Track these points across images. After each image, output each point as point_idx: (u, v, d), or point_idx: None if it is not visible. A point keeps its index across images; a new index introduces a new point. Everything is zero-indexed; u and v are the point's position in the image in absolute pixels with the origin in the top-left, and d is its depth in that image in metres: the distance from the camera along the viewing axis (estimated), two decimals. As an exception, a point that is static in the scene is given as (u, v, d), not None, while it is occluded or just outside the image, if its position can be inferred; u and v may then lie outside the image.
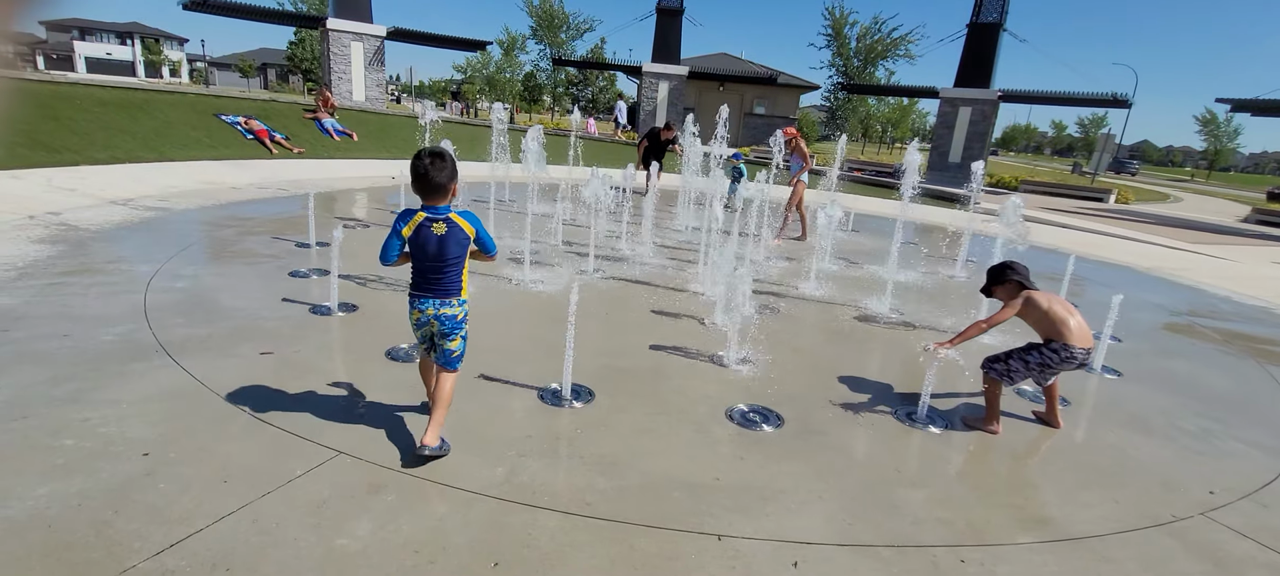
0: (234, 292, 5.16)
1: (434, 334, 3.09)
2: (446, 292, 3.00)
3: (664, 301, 6.01)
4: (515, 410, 3.66)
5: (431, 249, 2.92)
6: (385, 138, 16.50)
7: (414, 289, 3.04)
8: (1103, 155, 27.19)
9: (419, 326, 3.11)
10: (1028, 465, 3.58)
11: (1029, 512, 3.05)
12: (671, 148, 13.06)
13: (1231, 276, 9.74)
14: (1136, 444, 3.87)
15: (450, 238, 2.92)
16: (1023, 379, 3.82)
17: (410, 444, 3.15)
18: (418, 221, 2.91)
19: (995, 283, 3.99)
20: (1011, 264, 3.98)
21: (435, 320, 3.03)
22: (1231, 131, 65.99)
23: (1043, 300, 3.81)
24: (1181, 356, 5.74)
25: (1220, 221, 18.75)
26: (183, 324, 4.40)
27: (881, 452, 3.51)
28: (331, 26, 22.29)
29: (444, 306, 3.01)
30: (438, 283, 2.99)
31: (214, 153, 12.37)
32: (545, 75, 48.40)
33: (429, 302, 3.00)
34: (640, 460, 3.21)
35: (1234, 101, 18.45)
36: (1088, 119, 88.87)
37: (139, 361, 3.78)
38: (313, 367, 3.95)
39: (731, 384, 4.28)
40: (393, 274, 5.97)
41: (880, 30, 38.32)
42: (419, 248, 2.94)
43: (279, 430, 3.17)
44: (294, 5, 41.64)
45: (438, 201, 2.93)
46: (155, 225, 7.20)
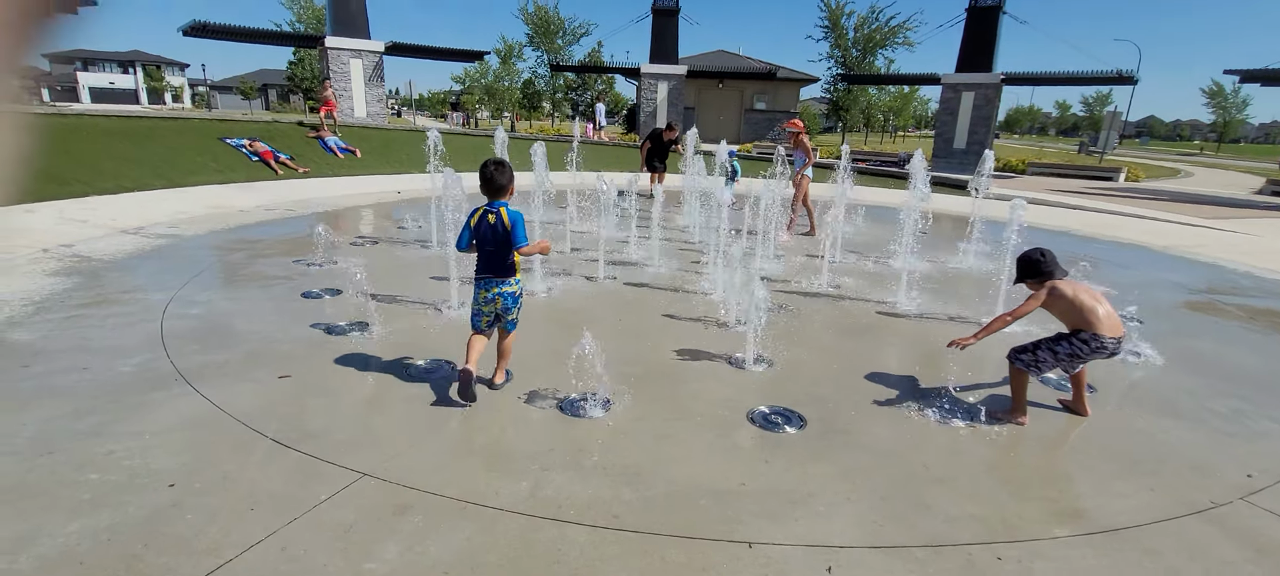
0: (248, 317, 5.16)
1: (497, 310, 3.83)
2: (503, 273, 3.75)
3: (676, 304, 5.98)
4: (535, 421, 3.64)
5: (487, 235, 3.70)
6: (388, 153, 16.55)
7: (478, 272, 3.78)
8: (1110, 133, 26.94)
9: (486, 304, 3.78)
10: (1058, 455, 3.52)
11: (1063, 505, 2.99)
12: (674, 148, 13.03)
13: (1250, 251, 9.60)
14: (1166, 428, 3.80)
15: (500, 225, 3.67)
16: (1050, 369, 3.76)
17: (433, 462, 3.14)
18: (480, 213, 3.71)
19: (1027, 272, 3.91)
20: (1042, 251, 3.90)
21: (498, 297, 3.78)
22: (1240, 103, 65.24)
23: (1068, 289, 3.75)
24: (1205, 336, 5.65)
25: (1234, 195, 18.53)
26: (199, 350, 4.41)
27: (908, 450, 3.46)
28: (330, 44, 22.38)
29: (503, 286, 3.77)
30: (495, 264, 3.74)
31: (220, 176, 12.44)
32: (543, 82, 48.46)
33: (490, 283, 3.75)
34: (664, 468, 3.18)
35: (1244, 72, 18.20)
36: (1092, 97, 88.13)
37: (159, 390, 3.78)
38: (330, 389, 3.94)
39: (750, 385, 4.24)
40: (402, 292, 5.97)
41: (877, 19, 38.13)
42: (480, 235, 3.72)
43: (302, 454, 3.16)
44: (292, 26, 41.91)
45: (495, 198, 3.73)
46: (167, 252, 7.24)
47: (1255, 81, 18.36)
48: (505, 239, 3.67)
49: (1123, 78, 22.22)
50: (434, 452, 3.26)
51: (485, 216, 3.69)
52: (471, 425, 3.56)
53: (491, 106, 52.69)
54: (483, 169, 3.73)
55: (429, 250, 7.79)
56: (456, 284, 5.68)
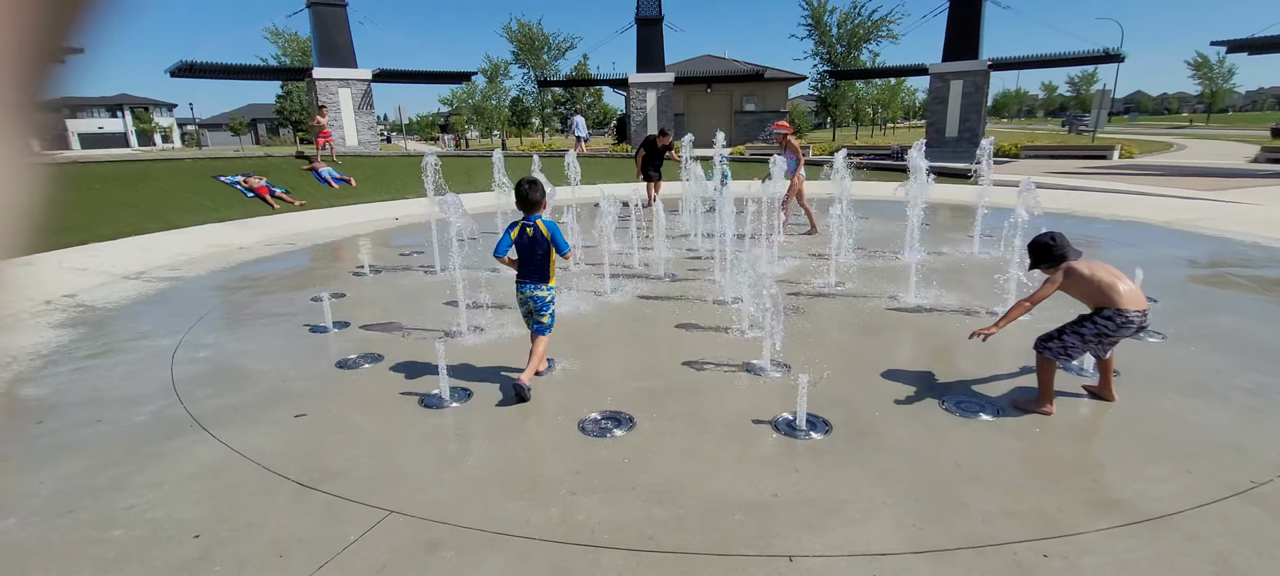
0: (258, 356, 5.12)
1: (530, 311, 4.25)
2: (538, 279, 4.20)
3: (686, 314, 5.94)
4: (557, 444, 3.60)
5: (526, 245, 4.16)
6: (383, 180, 16.55)
7: (518, 277, 4.25)
8: (1100, 111, 27.03)
9: (522, 305, 4.30)
10: (1089, 444, 3.48)
11: (1101, 495, 2.95)
12: (669, 154, 12.94)
13: (1254, 221, 9.59)
14: (1195, 409, 3.76)
15: (537, 237, 4.13)
16: (1080, 354, 3.72)
17: (459, 493, 3.09)
18: (519, 226, 4.17)
19: (1040, 257, 3.87)
20: (1052, 235, 3.87)
21: (531, 299, 4.21)
22: (1226, 72, 65.54)
23: (1084, 268, 3.71)
24: (1221, 311, 5.62)
25: (1230, 165, 18.55)
26: (212, 394, 4.36)
27: (937, 448, 3.42)
28: (317, 76, 22.41)
29: (535, 289, 4.21)
30: (531, 270, 4.19)
31: (217, 214, 12.41)
32: (531, 98, 48.62)
33: (527, 286, 4.21)
34: (694, 485, 3.13)
35: (1230, 43, 18.29)
36: (1078, 77, 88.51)
37: (175, 438, 3.73)
38: (349, 425, 3.89)
39: (770, 392, 4.20)
40: (411, 320, 5.93)
41: (860, 14, 38.35)
42: (520, 245, 4.17)
43: (327, 495, 3.11)
44: (278, 60, 42.05)
45: (532, 212, 4.18)
46: (170, 296, 7.19)
47: (1243, 50, 18.45)
48: (543, 248, 4.16)
49: (1110, 56, 22.32)
50: (459, 483, 3.21)
51: (524, 229, 4.16)
52: (494, 452, 3.52)
53: (481, 126, 52.80)
54: (519, 187, 4.21)
55: (434, 276, 7.76)
56: (465, 310, 5.64)
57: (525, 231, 4.15)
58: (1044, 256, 3.87)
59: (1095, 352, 3.75)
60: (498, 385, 4.40)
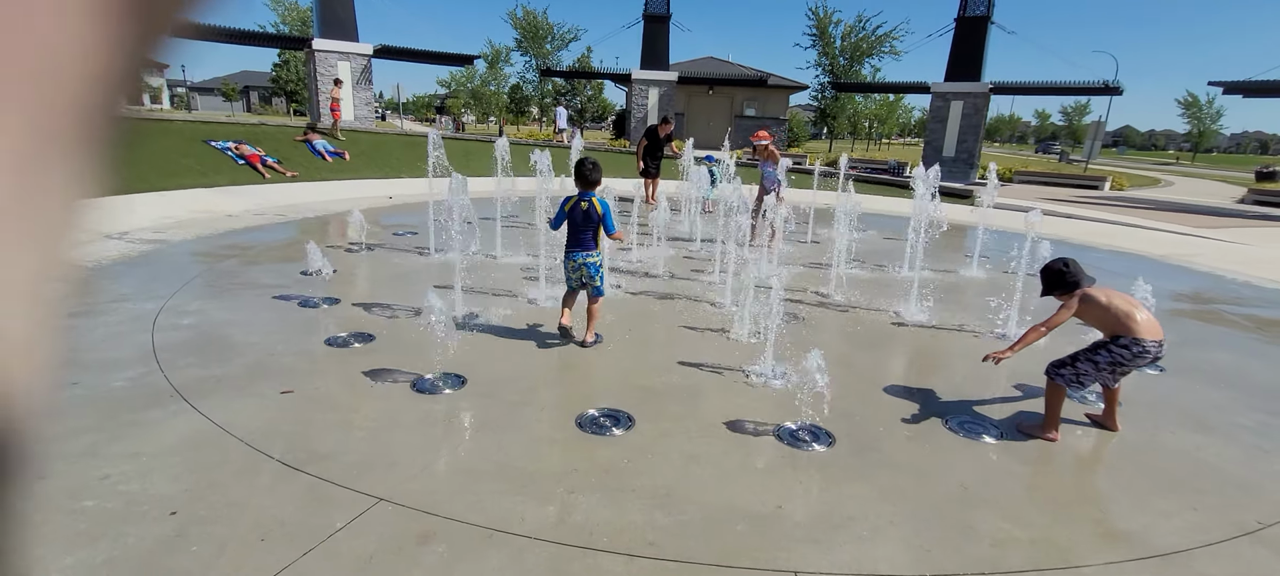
0: (245, 327, 4.95)
1: (583, 276, 4.76)
2: (588, 248, 4.74)
3: (686, 315, 5.85)
4: (554, 440, 3.49)
5: (579, 218, 4.69)
6: (378, 157, 16.29)
7: (568, 247, 4.77)
8: (1094, 143, 27.34)
9: (574, 271, 4.77)
10: (1095, 473, 3.44)
11: (1109, 526, 2.90)
12: (669, 146, 12.64)
13: (1245, 260, 9.69)
14: (1199, 444, 3.74)
15: (591, 211, 4.67)
16: (1092, 382, 3.68)
17: (453, 484, 2.98)
18: (573, 201, 4.68)
19: (1054, 284, 3.83)
20: (1065, 261, 3.84)
21: (584, 266, 4.72)
22: (1214, 113, 66.74)
23: (1102, 296, 3.67)
24: (1219, 347, 5.63)
25: (1219, 204, 18.82)
26: (195, 364, 4.19)
27: (943, 468, 3.36)
28: (317, 47, 22.02)
29: (588, 256, 4.73)
30: (583, 241, 4.72)
31: (206, 180, 12.11)
32: (531, 86, 48.26)
33: (579, 254, 4.72)
34: (696, 490, 3.04)
35: (1227, 84, 18.55)
36: (1071, 107, 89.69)
37: (155, 408, 3.57)
38: (338, 404, 3.76)
39: (772, 400, 4.12)
40: (404, 301, 5.78)
41: (864, 28, 38.49)
42: (573, 218, 4.69)
43: (313, 477, 2.98)
44: (276, 27, 41.36)
45: (589, 190, 4.69)
46: (154, 258, 6.97)
47: (1238, 92, 18.71)
48: (595, 222, 4.69)
49: (1109, 88, 22.54)
50: (453, 474, 3.09)
51: (578, 204, 4.66)
52: (490, 443, 3.40)
53: (478, 111, 52.38)
54: (581, 166, 4.71)
55: (427, 257, 7.60)
56: (460, 294, 5.51)
57: (579, 205, 4.67)
58: (1057, 283, 3.83)
59: (1106, 381, 3.71)
60: (492, 373, 4.28)
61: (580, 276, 4.74)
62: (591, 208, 4.66)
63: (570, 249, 4.74)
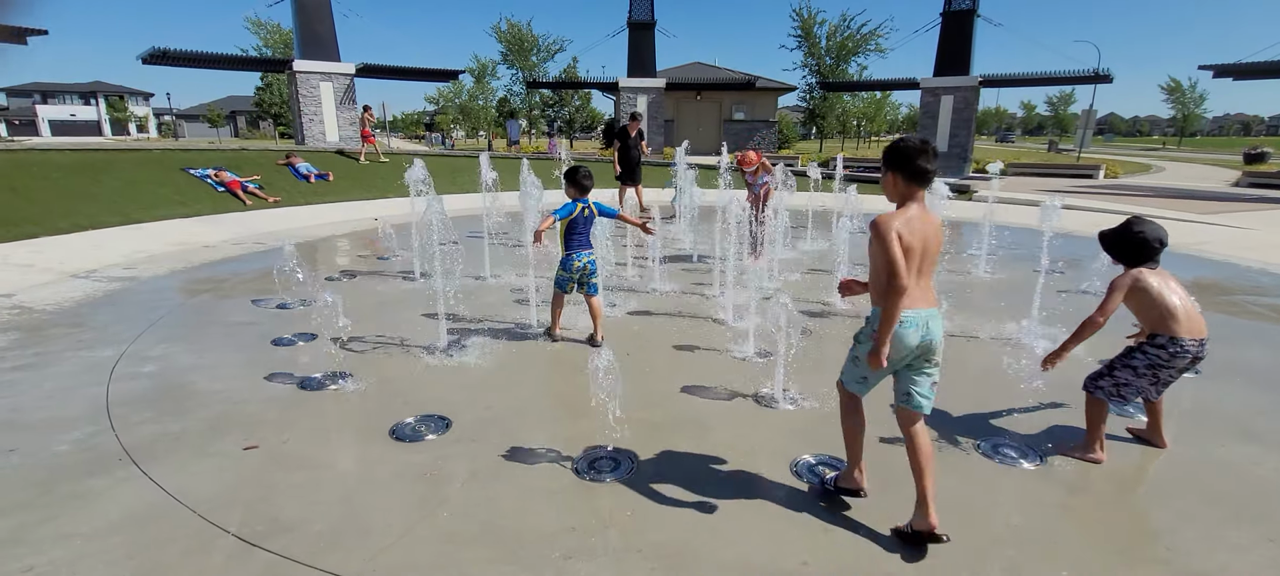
0: (211, 372, 4.57)
1: (586, 275, 5.02)
2: (589, 248, 5.06)
3: (686, 334, 5.50)
4: (547, 490, 3.12)
5: (581, 222, 5.01)
6: (364, 178, 15.91)
7: (568, 249, 5.01)
8: (1086, 132, 27.22)
9: (577, 270, 5.00)
10: (1150, 500, 3.09)
11: (1181, 566, 2.55)
12: (641, 144, 11.78)
13: (1255, 246, 9.42)
14: (1255, 458, 3.41)
15: (591, 214, 5.03)
16: (1136, 394, 3.30)
17: (432, 555, 2.62)
18: (579, 207, 4.96)
19: (1125, 251, 3.29)
20: (1138, 222, 3.27)
21: (588, 265, 5.02)
22: (1197, 98, 67.09)
23: (1156, 281, 3.20)
24: (1250, 343, 5.32)
25: (1215, 188, 18.65)
26: (152, 419, 3.82)
27: (984, 504, 3.01)
28: (298, 68, 21.67)
29: (590, 255, 5.05)
30: (585, 241, 5.04)
31: (184, 209, 11.72)
32: (519, 99, 48.00)
33: (582, 255, 5.00)
34: (709, 547, 2.69)
35: (1216, 67, 18.44)
36: (1056, 97, 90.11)
37: (98, 475, 3.20)
38: (307, 461, 3.38)
39: (785, 428, 3.77)
40: (387, 332, 5.41)
41: (849, 27, 38.44)
42: (574, 221, 4.98)
43: (273, 555, 2.61)
44: (258, 50, 40.98)
45: (584, 195, 5.00)
46: (120, 298, 6.58)
47: (1228, 75, 18.58)
48: (594, 223, 5.11)
49: (1098, 77, 22.44)
50: (432, 541, 2.72)
51: (582, 210, 4.98)
52: (474, 499, 3.03)
53: (467, 126, 52.07)
54: (576, 176, 4.98)
55: (413, 283, 7.23)
56: (445, 323, 5.15)
57: (582, 212, 4.98)
58: (1123, 247, 3.31)
59: (1148, 392, 3.35)
60: (479, 412, 3.91)
61: (583, 275, 5.03)
62: (591, 211, 5.02)
63: (573, 250, 5.01)
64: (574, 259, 5.00)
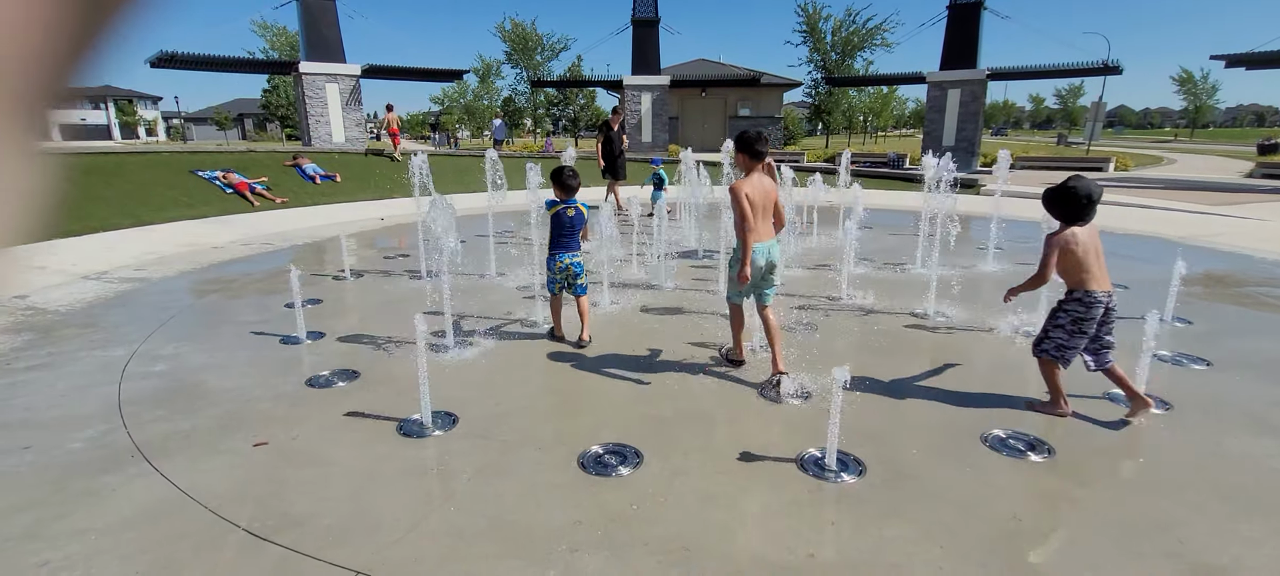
0: (221, 371, 4.61)
1: (569, 275, 5.00)
2: (574, 249, 5.03)
3: (691, 330, 5.50)
4: (554, 485, 3.13)
5: (566, 222, 4.98)
6: (370, 178, 15.98)
7: (553, 249, 5.02)
8: (1096, 124, 26.95)
9: (560, 272, 5.00)
10: (1162, 491, 3.06)
11: (1191, 560, 2.54)
12: (623, 137, 11.80)
13: (1268, 238, 9.32)
14: (1267, 449, 3.38)
15: (577, 216, 5.00)
16: (1071, 349, 3.58)
17: (442, 549, 2.63)
18: (558, 207, 4.96)
19: (1059, 207, 3.60)
20: (1079, 180, 3.57)
21: (572, 266, 4.98)
22: (1210, 88, 66.32)
23: (1084, 239, 3.53)
24: (1262, 334, 5.27)
25: (1227, 179, 18.45)
26: (163, 417, 3.85)
27: (990, 496, 3.00)
28: (304, 70, 21.76)
29: (575, 257, 5.02)
30: (569, 242, 5.00)
31: (192, 211, 11.82)
32: (523, 98, 48.04)
33: (566, 255, 4.98)
34: (716, 540, 2.69)
35: (1229, 57, 18.20)
36: (1065, 90, 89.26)
37: (112, 472, 3.23)
38: (316, 457, 3.41)
39: (791, 423, 3.77)
40: (393, 331, 5.44)
41: (854, 21, 38.23)
42: (559, 221, 4.97)
43: (284, 549, 2.63)
44: (264, 53, 41.23)
45: (571, 196, 4.97)
46: (131, 298, 6.64)
47: (1242, 65, 18.35)
48: (581, 224, 5.04)
49: (1108, 68, 22.18)
50: (441, 534, 2.74)
51: (566, 210, 4.96)
52: (481, 493, 3.05)
53: (472, 126, 52.15)
54: (561, 176, 4.94)
55: (420, 282, 7.27)
56: (452, 321, 5.17)
57: (567, 212, 4.95)
58: (1062, 205, 3.59)
59: (1084, 347, 3.59)
60: (486, 409, 3.93)
61: (567, 276, 5.01)
62: (578, 214, 4.99)
63: (556, 250, 5.02)
64: (558, 259, 5.00)
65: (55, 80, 0.26)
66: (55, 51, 0.25)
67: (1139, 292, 6.43)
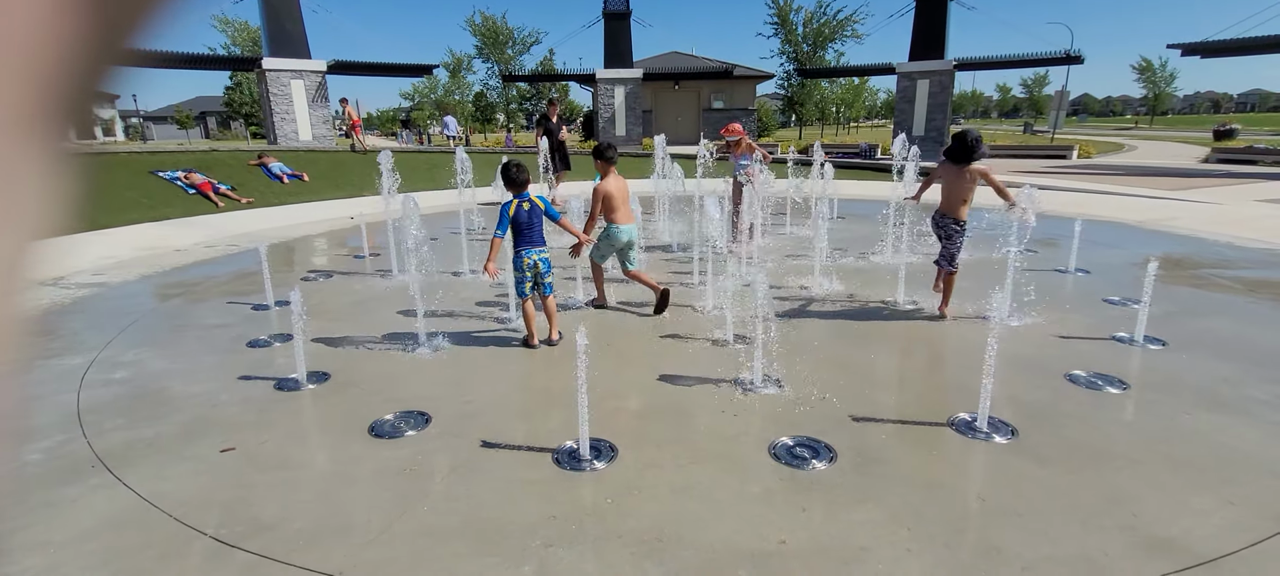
0: (185, 377, 4.51)
1: (537, 273, 4.84)
2: (539, 244, 4.84)
3: (665, 322, 5.52)
4: (529, 481, 3.14)
5: (523, 218, 4.77)
6: (339, 176, 15.70)
7: (518, 247, 4.81)
8: (1059, 112, 27.62)
9: (528, 269, 4.81)
10: (1117, 469, 3.17)
11: (1145, 533, 2.64)
12: (564, 130, 11.59)
13: (1222, 220, 9.67)
14: (1218, 425, 3.52)
15: (533, 209, 4.79)
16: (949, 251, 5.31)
17: (414, 549, 2.61)
18: (514, 204, 4.77)
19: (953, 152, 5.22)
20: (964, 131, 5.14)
21: (539, 263, 4.82)
22: (1168, 77, 68.25)
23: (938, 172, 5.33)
24: (1216, 315, 5.47)
25: (1184, 165, 19.07)
26: (125, 425, 3.76)
27: (955, 477, 3.08)
28: (268, 66, 21.24)
29: (541, 253, 4.84)
30: (534, 238, 4.82)
31: (153, 213, 11.49)
32: (495, 93, 47.55)
33: (531, 252, 4.80)
34: (689, 530, 2.72)
35: (1185, 45, 18.79)
36: (1030, 79, 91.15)
37: (72, 484, 3.15)
38: (285, 461, 3.36)
39: (764, 412, 3.81)
40: (364, 331, 5.37)
41: (825, 13, 38.54)
42: (517, 220, 4.77)
43: (252, 555, 2.59)
44: (226, 49, 40.15)
45: (521, 191, 4.80)
46: (89, 305, 6.45)
47: (1196, 53, 18.96)
48: (540, 218, 4.82)
49: (1070, 58, 22.74)
50: (414, 535, 2.72)
51: (520, 205, 4.76)
52: (455, 492, 3.04)
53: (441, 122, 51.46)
54: (506, 171, 4.82)
55: (390, 280, 7.17)
56: (423, 319, 5.12)
57: (522, 207, 4.76)
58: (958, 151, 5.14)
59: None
60: (459, 407, 3.91)
61: (534, 272, 4.85)
62: (533, 206, 4.81)
63: (521, 247, 4.82)
64: (524, 255, 4.79)
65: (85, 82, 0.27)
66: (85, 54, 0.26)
67: (1100, 277, 6.62)
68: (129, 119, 73.70)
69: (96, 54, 0.26)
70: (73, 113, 0.27)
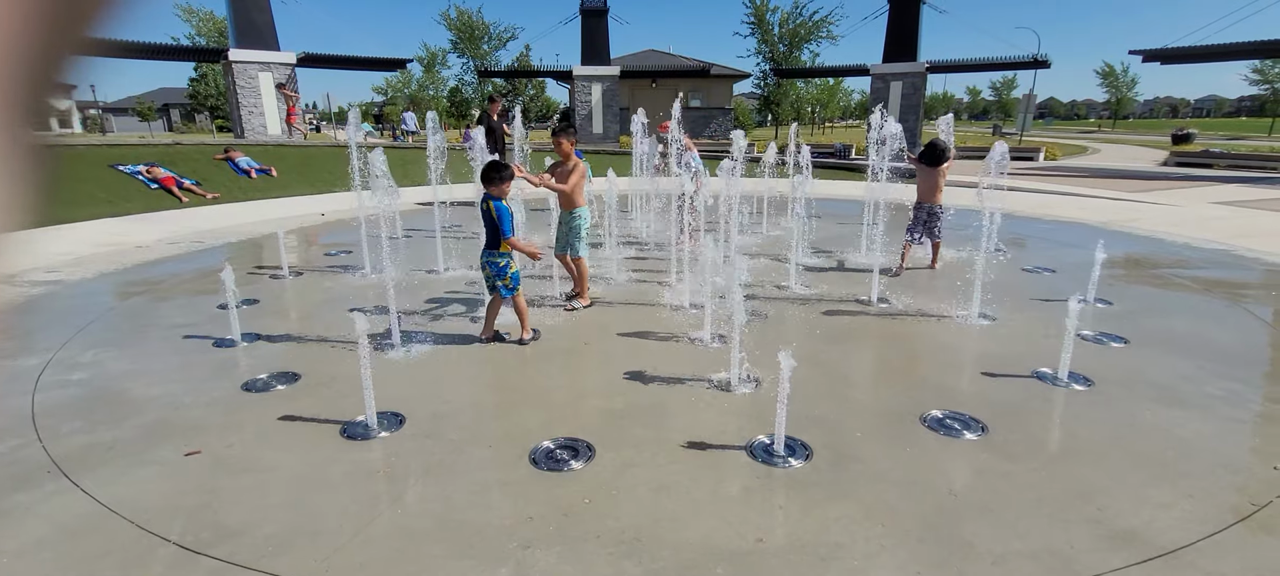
0: (147, 378, 4.36)
1: (487, 277, 4.85)
2: (491, 247, 4.78)
3: (641, 321, 5.52)
4: (505, 482, 3.10)
5: (484, 218, 4.77)
6: (308, 171, 15.37)
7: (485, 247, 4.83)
8: (1026, 115, 28.31)
9: (483, 271, 4.86)
10: (1083, 464, 3.25)
11: (1109, 526, 2.71)
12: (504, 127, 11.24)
13: (1180, 222, 10.00)
14: (1176, 420, 3.63)
15: (489, 214, 4.71)
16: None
17: (388, 552, 2.57)
18: (482, 198, 4.76)
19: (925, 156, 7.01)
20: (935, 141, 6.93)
21: (487, 265, 4.80)
22: (1129, 82, 70.40)
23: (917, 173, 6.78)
24: (1174, 313, 5.65)
25: (1145, 167, 19.68)
26: (82, 429, 3.62)
27: (928, 473, 3.13)
28: (234, 58, 20.70)
29: (491, 256, 4.78)
30: (488, 239, 4.78)
31: (113, 208, 11.12)
32: (470, 88, 47.06)
33: (485, 254, 4.81)
34: (667, 530, 2.72)
35: (1145, 52, 19.43)
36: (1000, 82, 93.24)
37: (25, 490, 3.02)
38: (253, 464, 3.27)
39: (741, 411, 3.83)
40: (335, 331, 5.27)
41: (801, 14, 38.93)
42: (482, 217, 4.78)
43: (218, 562, 2.52)
44: (191, 39, 39.05)
45: (487, 189, 4.72)
46: (44, 304, 6.21)
47: (1156, 60, 19.60)
48: (494, 224, 4.70)
49: (1038, 62, 23.33)
50: (387, 538, 2.67)
51: (485, 203, 4.73)
52: (429, 494, 2.99)
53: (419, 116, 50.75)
54: (486, 170, 4.76)
55: (363, 277, 7.04)
56: (397, 318, 5.03)
57: (484, 205, 4.72)
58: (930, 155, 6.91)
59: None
60: (433, 408, 3.85)
61: (485, 274, 4.86)
62: (489, 211, 4.72)
63: (484, 248, 4.85)
64: (481, 257, 4.86)
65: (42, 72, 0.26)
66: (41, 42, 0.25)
67: (1066, 276, 6.80)
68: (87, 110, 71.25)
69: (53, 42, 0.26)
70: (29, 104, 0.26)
